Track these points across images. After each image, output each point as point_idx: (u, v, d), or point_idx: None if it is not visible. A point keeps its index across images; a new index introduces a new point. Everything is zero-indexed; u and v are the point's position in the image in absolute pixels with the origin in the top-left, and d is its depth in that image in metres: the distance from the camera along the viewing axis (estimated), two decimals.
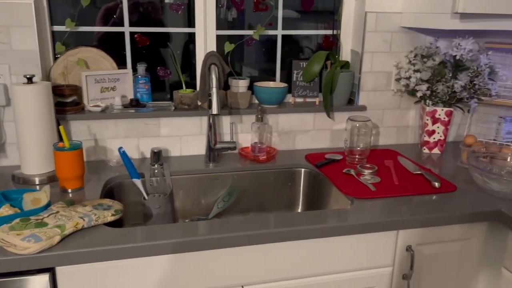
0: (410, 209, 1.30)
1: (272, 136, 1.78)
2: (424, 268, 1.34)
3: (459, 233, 1.34)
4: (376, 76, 1.82)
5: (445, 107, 1.76)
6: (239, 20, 1.82)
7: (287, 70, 1.87)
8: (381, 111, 1.87)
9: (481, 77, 1.67)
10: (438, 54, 1.73)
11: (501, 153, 1.58)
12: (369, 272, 1.30)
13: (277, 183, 1.66)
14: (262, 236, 1.16)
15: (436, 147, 1.82)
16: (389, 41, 1.79)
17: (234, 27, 1.80)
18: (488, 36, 1.86)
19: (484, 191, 1.42)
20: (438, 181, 1.45)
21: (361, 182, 1.46)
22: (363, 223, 1.22)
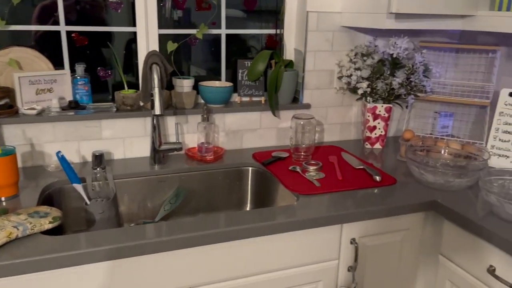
0: (353, 203, 1.34)
1: (219, 136, 1.77)
2: (368, 259, 1.39)
3: (399, 224, 1.40)
4: (319, 74, 1.86)
5: (385, 104, 1.83)
6: (185, 19, 1.80)
7: (233, 69, 1.87)
8: (325, 109, 1.92)
9: (417, 74, 1.76)
10: (377, 53, 1.80)
11: (436, 146, 1.66)
12: (315, 267, 1.33)
13: (226, 182, 1.66)
14: (210, 237, 1.15)
15: (378, 142, 1.89)
16: (331, 40, 1.83)
17: (180, 26, 1.78)
18: (422, 35, 1.96)
19: (421, 182, 1.49)
20: (379, 175, 1.50)
21: (306, 179, 1.49)
22: (308, 219, 1.25)
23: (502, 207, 1.22)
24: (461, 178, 1.42)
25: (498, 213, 1.25)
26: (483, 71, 1.91)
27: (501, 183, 1.37)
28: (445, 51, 1.97)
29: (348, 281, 1.38)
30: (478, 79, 1.92)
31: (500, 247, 1.17)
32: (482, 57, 1.90)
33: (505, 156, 1.65)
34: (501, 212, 1.23)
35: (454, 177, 1.41)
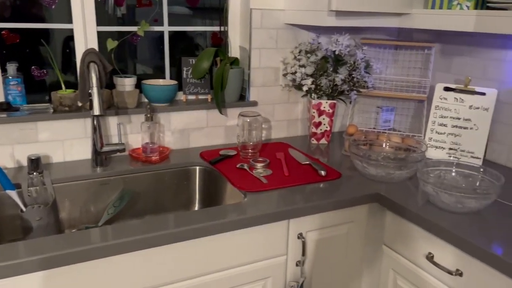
0: (299, 198, 1.35)
1: (165, 136, 1.74)
2: (315, 253, 1.42)
3: (345, 217, 1.43)
4: (264, 71, 1.87)
5: (329, 100, 1.87)
6: (130, 16, 1.74)
7: (180, 67, 1.83)
8: (272, 106, 1.93)
9: (358, 70, 1.81)
10: (320, 50, 1.83)
11: (378, 140, 1.72)
12: (264, 263, 1.33)
13: (173, 183, 1.63)
14: (157, 238, 1.12)
15: (323, 137, 1.93)
16: (275, 38, 1.85)
17: (124, 24, 1.72)
18: (363, 32, 2.02)
19: (365, 176, 1.54)
20: (324, 169, 1.53)
21: (253, 176, 1.49)
22: (256, 216, 1.25)
23: (438, 197, 1.28)
24: (401, 170, 1.47)
25: (435, 203, 1.31)
26: (420, 67, 2.00)
27: (437, 174, 1.44)
28: (384, 48, 2.05)
29: (296, 275, 1.39)
30: (416, 75, 2.01)
31: (437, 235, 1.22)
32: (419, 54, 1.99)
33: (441, 148, 1.73)
34: (437, 202, 1.30)
35: (395, 169, 1.47)
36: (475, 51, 1.76)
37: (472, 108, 1.68)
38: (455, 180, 1.43)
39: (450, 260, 1.21)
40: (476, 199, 1.24)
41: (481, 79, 1.75)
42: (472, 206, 1.25)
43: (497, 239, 1.14)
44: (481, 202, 1.25)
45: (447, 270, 1.20)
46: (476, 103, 1.68)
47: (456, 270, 1.19)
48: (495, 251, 1.08)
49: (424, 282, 1.30)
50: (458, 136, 1.70)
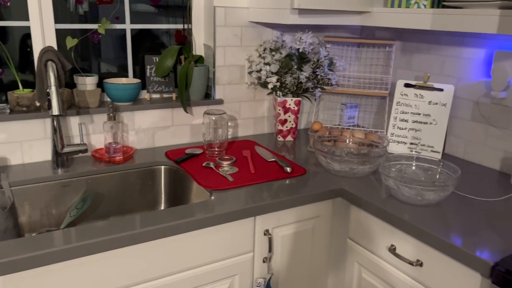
0: (265, 195, 1.36)
1: (129, 135, 1.71)
2: (282, 248, 1.43)
3: (310, 212, 1.45)
4: (230, 69, 1.87)
5: (294, 97, 1.89)
6: (93, 14, 1.70)
7: (143, 65, 1.80)
8: (238, 104, 1.93)
9: (322, 68, 1.83)
10: (285, 48, 1.85)
11: (342, 136, 1.75)
12: (231, 261, 1.34)
13: (137, 183, 1.61)
14: (122, 239, 1.10)
15: (289, 134, 1.94)
16: (240, 35, 1.85)
17: (86, 21, 1.68)
18: (326, 30, 2.05)
19: (329, 171, 1.56)
20: (290, 166, 1.55)
21: (220, 174, 1.49)
22: (222, 214, 1.25)
23: (399, 190, 1.32)
24: (364, 165, 1.51)
25: (396, 196, 1.35)
26: (382, 64, 2.05)
27: (398, 168, 1.48)
28: (347, 45, 2.08)
29: (263, 272, 1.40)
30: (378, 72, 2.06)
31: (399, 228, 1.26)
32: (381, 51, 2.03)
33: (403, 143, 1.78)
34: (399, 195, 1.33)
35: (358, 164, 1.50)
36: (433, 48, 1.82)
37: (431, 104, 1.74)
38: (415, 173, 1.47)
39: (411, 251, 1.25)
40: (435, 191, 1.28)
41: (440, 75, 1.81)
42: (431, 198, 1.30)
43: (455, 229, 1.18)
44: (439, 194, 1.29)
45: (408, 261, 1.24)
46: (435, 99, 1.73)
47: (417, 260, 1.23)
48: (453, 241, 1.12)
49: (387, 273, 1.33)
50: (419, 131, 1.75)
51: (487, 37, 1.62)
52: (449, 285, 1.15)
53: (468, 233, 1.16)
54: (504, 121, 1.59)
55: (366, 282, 1.43)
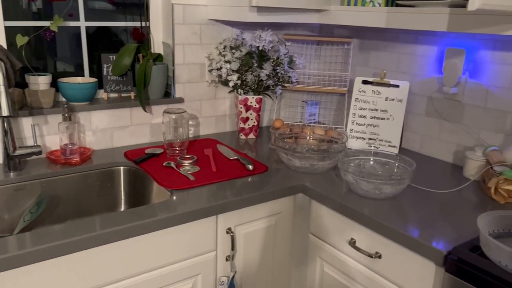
0: (227, 193, 1.36)
1: (86, 136, 1.66)
2: (245, 246, 1.43)
3: (272, 209, 1.46)
4: (190, 68, 1.85)
5: (255, 95, 1.89)
6: (47, 11, 1.64)
7: (100, 64, 1.76)
8: (199, 102, 1.92)
9: (282, 66, 1.85)
10: (245, 46, 1.85)
11: (303, 133, 1.77)
12: (194, 261, 1.32)
13: (96, 184, 1.56)
14: (79, 242, 1.07)
15: (252, 132, 1.95)
16: (199, 33, 1.83)
17: (40, 18, 1.61)
18: (286, 28, 2.07)
19: (290, 168, 1.58)
20: (252, 164, 1.55)
21: (181, 174, 1.47)
22: (183, 213, 1.23)
23: (358, 185, 1.35)
24: (324, 161, 1.53)
25: (355, 190, 1.38)
26: (341, 62, 2.08)
27: (357, 163, 1.51)
28: (307, 43, 2.11)
29: (227, 270, 1.40)
30: (337, 69, 2.10)
31: (358, 221, 1.28)
32: (339, 49, 2.07)
33: (362, 138, 1.82)
34: (357, 189, 1.36)
35: (318, 160, 1.52)
36: (389, 45, 1.87)
37: (388, 100, 1.78)
38: (373, 168, 1.51)
39: (370, 244, 1.28)
40: (392, 185, 1.32)
41: (396, 72, 1.86)
42: (389, 191, 1.33)
43: (411, 221, 1.22)
44: (396, 187, 1.33)
45: (367, 254, 1.27)
46: (391, 95, 1.78)
47: (376, 253, 1.26)
48: (409, 233, 1.16)
49: (348, 266, 1.36)
50: (377, 127, 1.80)
51: (439, 34, 1.68)
52: (406, 275, 1.19)
53: (423, 225, 1.20)
54: (456, 115, 1.66)
55: (328, 276, 1.45)
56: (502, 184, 1.34)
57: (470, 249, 1.05)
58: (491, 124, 1.56)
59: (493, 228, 1.10)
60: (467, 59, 1.59)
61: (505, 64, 1.49)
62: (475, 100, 1.59)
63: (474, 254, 1.03)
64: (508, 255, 0.94)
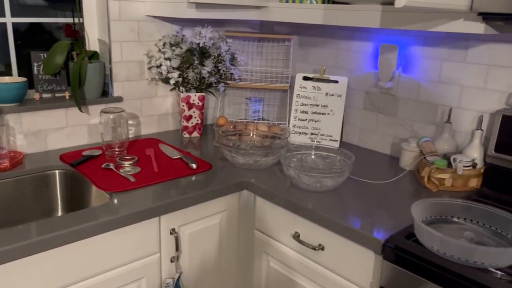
0: (169, 193, 1.33)
1: (16, 139, 1.56)
2: (190, 246, 1.41)
3: (217, 207, 1.45)
4: (128, 65, 1.79)
5: (198, 93, 1.87)
6: None
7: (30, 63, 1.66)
8: (139, 101, 1.86)
9: (224, 63, 1.84)
10: (185, 43, 1.82)
11: (247, 130, 1.77)
12: (137, 264, 1.29)
13: (29, 190, 1.47)
14: (11, 252, 1.00)
15: (195, 130, 1.92)
16: (137, 30, 1.77)
17: None
18: (227, 25, 2.06)
19: (234, 165, 1.57)
20: (195, 162, 1.53)
21: (121, 175, 1.42)
22: (123, 216, 1.19)
23: (300, 179, 1.37)
24: (267, 157, 1.54)
25: (298, 185, 1.40)
26: (282, 58, 2.10)
27: (299, 158, 1.54)
28: (248, 40, 2.11)
29: (172, 271, 1.37)
30: (279, 66, 2.12)
31: (301, 215, 1.31)
32: (280, 45, 2.09)
33: (304, 133, 1.85)
34: (300, 183, 1.38)
35: (262, 156, 1.53)
36: (327, 42, 1.92)
37: (328, 95, 1.83)
38: (314, 162, 1.54)
39: (313, 237, 1.30)
40: (332, 178, 1.35)
41: (334, 68, 1.91)
42: (329, 184, 1.36)
43: (351, 212, 1.26)
44: (336, 180, 1.36)
45: (311, 246, 1.29)
46: (331, 90, 1.82)
47: (319, 245, 1.29)
48: (349, 224, 1.19)
49: (292, 260, 1.38)
50: (318, 122, 1.84)
51: (374, 31, 1.74)
52: (347, 264, 1.22)
53: (362, 215, 1.24)
54: (391, 109, 1.73)
55: (274, 271, 1.46)
56: (434, 173, 1.41)
57: (405, 236, 1.10)
58: (423, 116, 1.64)
59: (426, 215, 1.15)
60: (400, 55, 1.66)
61: (434, 59, 1.58)
62: (408, 93, 1.67)
63: (409, 241, 1.07)
64: (439, 241, 0.99)
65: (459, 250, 0.97)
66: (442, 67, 1.56)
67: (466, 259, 0.96)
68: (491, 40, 1.43)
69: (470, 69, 1.49)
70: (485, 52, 1.44)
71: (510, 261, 0.96)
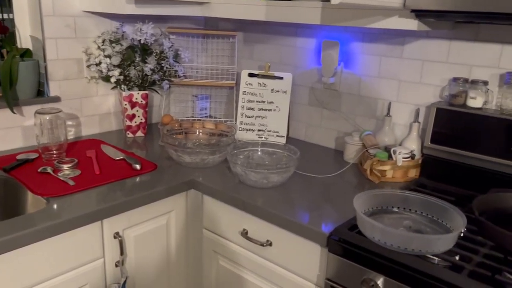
0: (111, 196, 1.28)
1: None
2: (136, 249, 1.37)
3: (163, 208, 1.41)
4: (65, 63, 1.70)
5: (141, 91, 1.81)
6: None
7: None
8: (79, 100, 1.78)
9: (167, 60, 1.79)
10: (126, 39, 1.76)
11: (193, 128, 1.75)
12: (80, 271, 1.23)
13: None
14: None
15: (139, 130, 1.87)
16: (73, 26, 1.69)
17: None
18: (170, 21, 2.01)
19: (181, 164, 1.54)
20: (139, 163, 1.49)
21: (59, 179, 1.36)
22: (61, 222, 1.14)
23: (247, 176, 1.36)
24: (214, 155, 1.52)
25: (245, 181, 1.39)
26: (228, 55, 2.09)
27: (246, 154, 1.54)
28: (193, 36, 2.08)
29: (117, 276, 1.32)
30: (224, 62, 2.10)
31: (249, 212, 1.30)
32: (225, 42, 2.08)
33: (251, 130, 1.85)
34: (247, 180, 1.38)
35: (208, 154, 1.51)
36: (271, 38, 1.92)
37: (274, 92, 1.84)
38: (261, 158, 1.54)
39: (261, 233, 1.30)
40: (278, 173, 1.36)
41: (279, 64, 1.92)
42: (276, 180, 1.37)
43: (298, 207, 1.27)
44: (282, 175, 1.37)
45: (259, 243, 1.30)
46: (276, 86, 1.83)
47: (267, 241, 1.29)
48: (296, 219, 1.20)
49: (241, 257, 1.38)
50: (265, 118, 1.84)
51: (316, 27, 1.77)
52: (295, 259, 1.23)
53: (308, 209, 1.26)
54: (335, 104, 1.77)
55: (223, 269, 1.45)
56: (376, 165, 1.46)
57: (349, 228, 1.13)
58: (365, 110, 1.69)
59: (368, 207, 1.19)
60: (342, 51, 1.70)
61: (373, 55, 1.63)
62: (350, 89, 1.71)
63: (352, 233, 1.10)
64: (379, 231, 1.02)
65: (398, 239, 1.00)
66: (381, 62, 1.61)
67: (405, 247, 1.00)
68: (425, 36, 1.49)
69: (407, 65, 1.55)
70: (420, 48, 1.51)
71: (445, 247, 1.01)
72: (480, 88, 1.36)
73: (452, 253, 1.03)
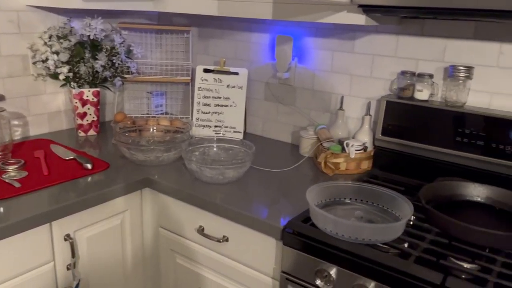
0: (61, 197, 1.24)
1: None
2: (89, 251, 1.33)
3: (117, 207, 1.38)
4: (8, 60, 1.62)
5: (92, 88, 1.76)
6: None
7: None
8: (25, 99, 1.70)
9: (119, 56, 1.75)
10: (74, 35, 1.69)
11: (147, 125, 1.71)
12: (29, 275, 1.19)
13: None
14: None
15: (91, 128, 1.81)
16: (16, 21, 1.62)
17: None
18: (122, 16, 1.96)
19: (135, 162, 1.51)
20: (91, 162, 1.44)
21: (3, 181, 1.29)
22: (5, 226, 1.08)
23: (202, 172, 1.35)
24: (169, 152, 1.50)
25: (200, 178, 1.38)
26: (182, 50, 2.06)
27: (201, 151, 1.52)
28: (146, 32, 2.03)
29: (69, 280, 1.28)
30: (179, 58, 2.07)
31: (205, 208, 1.29)
32: (180, 37, 2.05)
33: (208, 126, 1.84)
34: (202, 177, 1.37)
35: (163, 152, 1.49)
36: (226, 33, 1.91)
37: (230, 87, 1.83)
38: (217, 154, 1.53)
39: (217, 229, 1.30)
40: (234, 169, 1.35)
41: (235, 60, 1.92)
42: (232, 175, 1.37)
43: (253, 202, 1.27)
44: (238, 171, 1.37)
45: (216, 239, 1.29)
46: (232, 82, 1.83)
47: (223, 237, 1.29)
48: (251, 213, 1.20)
49: (198, 254, 1.37)
50: (221, 114, 1.83)
51: (269, 23, 1.78)
52: (251, 253, 1.24)
53: (264, 204, 1.26)
54: (290, 98, 1.79)
55: (181, 267, 1.44)
56: (329, 158, 1.48)
57: (302, 221, 1.14)
58: (319, 104, 1.71)
59: (321, 199, 1.21)
60: (295, 46, 1.72)
61: (326, 50, 1.65)
62: (304, 83, 1.73)
63: (305, 225, 1.12)
64: (331, 222, 1.04)
65: (350, 229, 1.03)
66: (333, 57, 1.64)
67: (356, 237, 1.02)
68: (374, 31, 1.53)
69: (358, 59, 1.58)
70: (369, 42, 1.55)
71: (394, 235, 1.05)
72: (426, 81, 1.41)
73: (401, 240, 1.06)
